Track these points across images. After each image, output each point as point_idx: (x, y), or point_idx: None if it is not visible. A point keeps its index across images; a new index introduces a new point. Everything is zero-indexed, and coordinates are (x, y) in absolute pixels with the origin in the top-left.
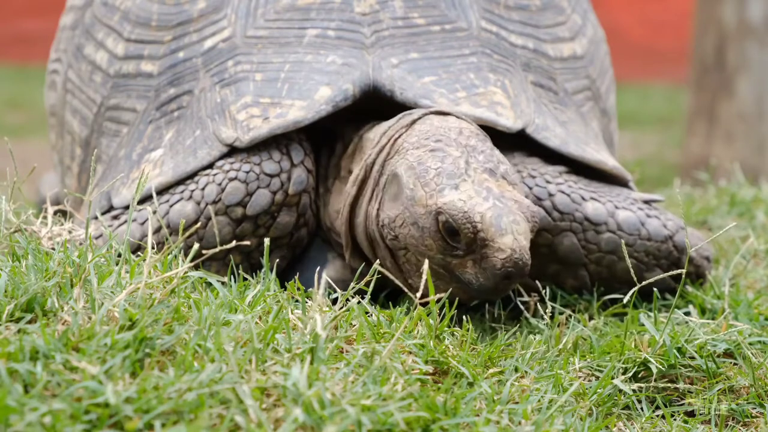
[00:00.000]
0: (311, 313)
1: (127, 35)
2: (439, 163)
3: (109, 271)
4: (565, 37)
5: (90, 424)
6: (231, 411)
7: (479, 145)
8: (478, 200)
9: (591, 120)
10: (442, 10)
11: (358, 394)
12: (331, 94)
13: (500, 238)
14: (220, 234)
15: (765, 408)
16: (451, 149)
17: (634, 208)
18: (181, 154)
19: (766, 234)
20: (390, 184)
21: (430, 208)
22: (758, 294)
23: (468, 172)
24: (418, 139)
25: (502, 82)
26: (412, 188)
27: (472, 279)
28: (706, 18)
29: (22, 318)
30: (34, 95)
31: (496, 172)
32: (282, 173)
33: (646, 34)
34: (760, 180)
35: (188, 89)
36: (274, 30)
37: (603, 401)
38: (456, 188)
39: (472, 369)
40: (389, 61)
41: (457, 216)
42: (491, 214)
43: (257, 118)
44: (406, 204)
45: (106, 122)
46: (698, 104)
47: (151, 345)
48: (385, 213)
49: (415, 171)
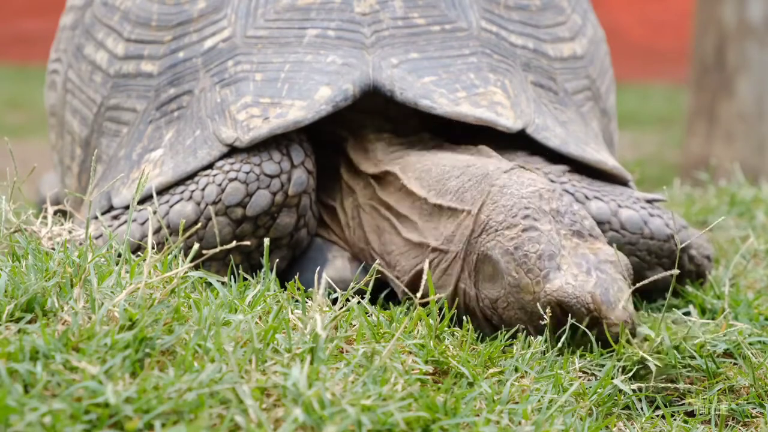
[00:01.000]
0: (311, 313)
1: (127, 35)
2: (536, 246)
3: (109, 271)
4: (565, 37)
5: (90, 424)
6: (231, 411)
7: (561, 207)
8: (583, 278)
9: (591, 120)
10: (442, 10)
11: (358, 394)
12: (331, 94)
13: (611, 313)
14: (220, 234)
15: (765, 408)
16: (542, 224)
17: (636, 207)
18: (181, 154)
19: (766, 234)
20: (483, 264)
21: (538, 295)
22: (758, 294)
23: (562, 243)
24: (505, 217)
25: (502, 82)
26: (516, 276)
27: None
28: (706, 18)
29: (22, 318)
30: (34, 95)
31: (583, 232)
32: (282, 174)
33: (646, 34)
34: (760, 180)
35: (188, 89)
36: (274, 30)
37: (603, 401)
38: (559, 269)
39: (472, 369)
40: (389, 61)
41: (570, 302)
42: (599, 291)
43: (257, 118)
44: (508, 290)
45: (106, 122)
46: (698, 104)
47: (151, 345)
48: (483, 293)
49: (514, 257)
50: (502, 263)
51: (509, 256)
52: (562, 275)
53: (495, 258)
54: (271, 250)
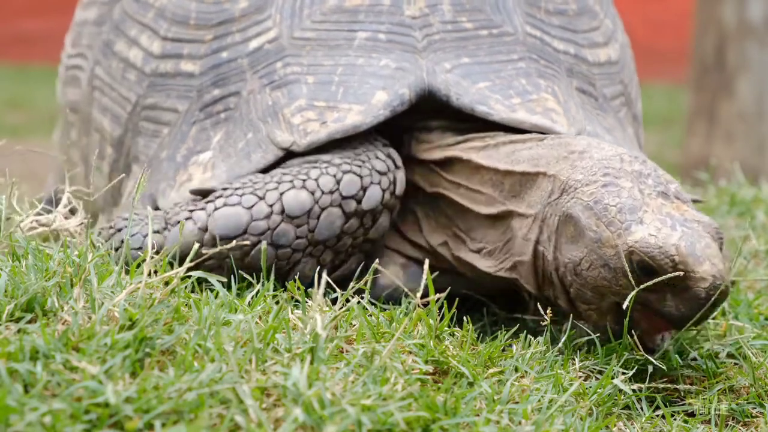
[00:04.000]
0: (311, 313)
1: (163, 33)
2: (616, 199)
3: (109, 271)
4: (600, 42)
5: (90, 424)
6: (231, 411)
7: (644, 169)
8: (667, 231)
9: (627, 126)
10: (488, 15)
11: (358, 394)
12: (388, 99)
13: (699, 267)
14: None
15: (765, 408)
16: (622, 181)
17: None
18: (234, 157)
19: (766, 234)
20: (564, 225)
21: (620, 248)
22: (758, 294)
23: (645, 201)
24: (585, 176)
25: (552, 88)
26: (596, 230)
27: (673, 311)
28: (706, 18)
29: (22, 318)
30: (34, 95)
31: (668, 194)
32: (389, 172)
33: (646, 34)
34: (760, 180)
35: (235, 90)
36: (321, 32)
37: (603, 401)
38: (641, 222)
39: (472, 369)
40: (443, 66)
41: (653, 253)
42: (685, 244)
43: (314, 122)
44: (591, 247)
45: (142, 122)
46: (698, 104)
47: (151, 345)
48: (564, 256)
49: (594, 211)
50: (582, 219)
51: (589, 211)
52: (644, 228)
53: (575, 215)
54: (352, 254)
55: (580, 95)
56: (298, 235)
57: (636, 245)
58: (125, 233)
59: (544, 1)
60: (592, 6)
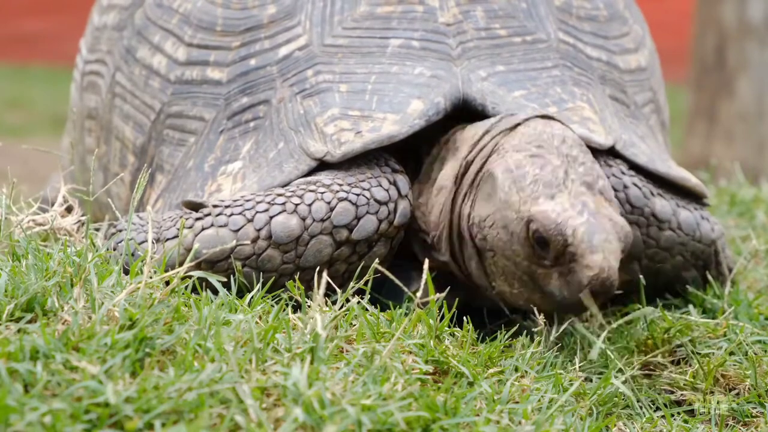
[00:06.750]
0: (311, 313)
1: (188, 40)
2: (537, 170)
3: (109, 271)
4: (630, 48)
5: (90, 424)
6: (231, 411)
7: (580, 157)
8: (572, 213)
9: (657, 133)
10: (521, 21)
11: (358, 394)
12: (423, 108)
13: (590, 255)
14: (318, 255)
15: (765, 408)
16: (552, 157)
17: (690, 207)
18: (265, 167)
19: (766, 234)
20: (485, 182)
21: (522, 214)
22: (758, 294)
23: (566, 183)
24: (520, 142)
25: (587, 96)
26: (507, 191)
27: (556, 291)
28: (706, 18)
29: (22, 318)
30: (34, 95)
31: (594, 186)
32: (390, 202)
33: None
34: (760, 180)
35: (264, 99)
36: (353, 39)
37: (603, 401)
38: (552, 198)
39: (472, 369)
40: (478, 74)
41: (549, 226)
42: (584, 230)
43: (348, 131)
44: (498, 206)
45: (167, 130)
46: (698, 104)
47: (151, 345)
48: (476, 211)
49: (513, 174)
50: (499, 179)
51: (508, 173)
52: (552, 204)
53: (495, 174)
54: (349, 278)
55: (613, 103)
56: (284, 261)
57: (537, 215)
58: (124, 235)
59: (576, 7)
60: (623, 11)
